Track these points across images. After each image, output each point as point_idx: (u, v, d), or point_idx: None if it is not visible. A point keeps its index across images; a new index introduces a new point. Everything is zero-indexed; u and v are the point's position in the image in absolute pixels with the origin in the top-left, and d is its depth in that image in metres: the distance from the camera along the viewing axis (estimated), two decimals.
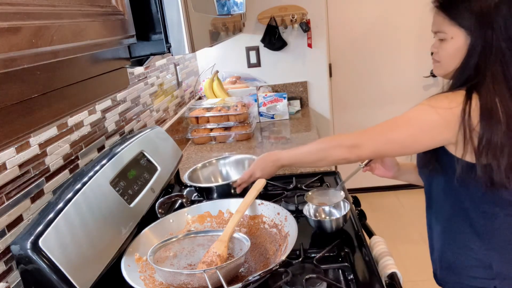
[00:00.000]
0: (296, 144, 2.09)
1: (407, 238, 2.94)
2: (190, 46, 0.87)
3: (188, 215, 1.20)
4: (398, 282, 1.03)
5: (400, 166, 1.29)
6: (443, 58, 1.06)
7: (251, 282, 0.87)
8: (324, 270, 1.03)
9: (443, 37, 1.04)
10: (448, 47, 1.03)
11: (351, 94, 3.39)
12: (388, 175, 1.29)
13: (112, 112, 1.43)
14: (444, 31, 1.03)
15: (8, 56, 0.41)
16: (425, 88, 3.37)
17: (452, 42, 1.02)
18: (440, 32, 1.04)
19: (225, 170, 1.55)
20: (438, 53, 1.07)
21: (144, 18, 0.83)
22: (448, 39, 1.03)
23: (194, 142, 2.30)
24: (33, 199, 0.97)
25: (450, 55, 1.03)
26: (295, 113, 2.77)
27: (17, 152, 0.93)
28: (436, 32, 1.06)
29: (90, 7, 0.59)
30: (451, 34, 1.02)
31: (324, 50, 2.90)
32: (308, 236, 1.22)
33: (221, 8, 1.38)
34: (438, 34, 1.05)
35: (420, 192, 1.28)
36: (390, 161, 1.27)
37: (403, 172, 1.30)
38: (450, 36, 1.02)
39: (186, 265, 1.04)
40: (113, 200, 1.07)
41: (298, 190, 1.50)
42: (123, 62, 0.79)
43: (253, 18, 2.81)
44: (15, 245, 0.83)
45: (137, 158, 1.26)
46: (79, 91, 0.63)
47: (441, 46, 1.05)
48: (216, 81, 2.59)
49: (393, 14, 3.21)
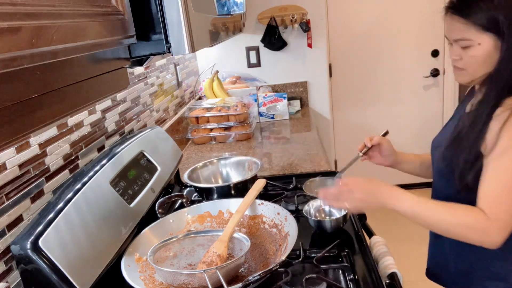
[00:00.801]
0: (296, 144, 2.09)
1: (407, 238, 2.94)
2: (190, 46, 0.87)
3: (188, 215, 1.20)
4: (398, 282, 1.03)
5: (398, 156, 1.29)
6: (469, 66, 1.01)
7: (251, 282, 0.87)
8: (324, 270, 1.03)
9: (467, 44, 0.98)
10: (476, 54, 0.98)
11: (351, 94, 3.39)
12: (385, 163, 1.29)
13: (112, 112, 1.43)
14: (469, 38, 0.97)
15: (8, 56, 0.41)
16: (425, 88, 3.37)
17: (480, 49, 0.97)
18: (463, 40, 0.99)
19: (226, 171, 1.55)
20: (462, 60, 1.02)
21: (144, 18, 0.83)
22: (474, 46, 0.98)
23: (194, 142, 2.30)
24: (33, 199, 0.97)
25: (478, 62, 0.99)
26: (295, 113, 2.77)
27: (17, 152, 0.93)
28: (458, 40, 1.00)
29: (90, 7, 0.59)
30: (477, 41, 0.97)
31: (324, 50, 2.90)
32: (308, 236, 1.22)
33: (221, 8, 1.38)
34: (461, 42, 1.00)
35: (420, 192, 1.28)
36: (387, 149, 1.27)
37: (400, 161, 1.30)
38: (476, 42, 0.97)
39: (186, 265, 1.05)
40: (113, 200, 1.07)
41: (298, 190, 1.49)
42: (123, 62, 0.79)
43: (253, 18, 2.81)
44: (15, 245, 0.83)
45: (137, 158, 1.26)
46: (79, 91, 0.63)
47: (466, 53, 1.00)
48: (216, 81, 2.59)
49: (393, 14, 3.21)
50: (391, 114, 3.40)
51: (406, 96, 3.38)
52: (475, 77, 1.02)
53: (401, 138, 3.44)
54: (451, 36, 1.03)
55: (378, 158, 1.29)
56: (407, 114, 3.41)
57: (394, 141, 1.30)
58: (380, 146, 1.27)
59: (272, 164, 1.85)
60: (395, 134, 3.61)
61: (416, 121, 3.43)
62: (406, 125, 3.43)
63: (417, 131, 3.43)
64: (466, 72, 1.03)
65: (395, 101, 3.39)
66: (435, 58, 3.28)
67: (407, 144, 3.44)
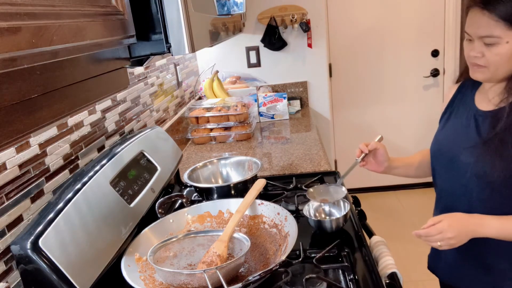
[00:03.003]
0: (296, 144, 2.09)
1: (407, 238, 2.94)
2: (190, 46, 0.87)
3: (188, 215, 1.20)
4: (398, 282, 1.04)
5: (392, 162, 1.29)
6: (492, 64, 0.98)
7: (251, 282, 0.87)
8: (324, 270, 1.03)
9: (493, 41, 0.96)
10: (502, 52, 0.95)
11: (351, 94, 3.39)
12: (379, 169, 1.28)
13: (112, 112, 1.43)
14: (498, 35, 0.95)
15: (8, 56, 0.41)
16: (425, 88, 3.37)
17: (507, 47, 0.94)
18: (490, 37, 0.96)
19: (226, 171, 1.55)
20: (484, 58, 0.99)
21: (144, 18, 0.83)
22: (501, 44, 0.95)
23: (194, 142, 2.30)
24: (33, 199, 0.97)
25: (503, 60, 0.96)
26: (295, 113, 2.77)
27: (17, 152, 0.93)
28: (484, 37, 0.97)
29: (90, 7, 0.59)
30: (506, 39, 0.94)
31: (324, 50, 2.90)
32: (308, 236, 1.22)
33: (221, 8, 1.38)
34: (486, 39, 0.96)
35: (420, 192, 1.28)
36: (382, 155, 1.26)
37: (394, 167, 1.30)
38: (505, 40, 0.94)
39: (186, 265, 1.05)
40: (113, 200, 1.07)
41: (298, 190, 1.50)
42: (123, 62, 0.79)
43: (253, 18, 2.81)
44: (15, 245, 0.83)
45: (137, 158, 1.26)
46: (79, 91, 0.63)
47: (490, 50, 0.97)
48: (216, 81, 2.59)
49: (393, 14, 3.21)
50: (391, 114, 3.40)
51: (406, 96, 3.38)
52: (496, 75, 1.00)
53: (401, 138, 3.44)
54: (476, 33, 0.98)
55: (372, 164, 1.28)
56: (407, 114, 3.41)
57: (393, 142, 1.31)
58: (376, 151, 1.26)
59: (272, 164, 1.85)
60: (395, 134, 3.63)
61: (416, 121, 3.43)
62: (406, 125, 3.43)
63: (417, 131, 3.43)
64: (486, 70, 1.00)
65: (395, 101, 3.39)
66: (435, 58, 3.29)
67: (406, 144, 3.45)
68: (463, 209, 1.08)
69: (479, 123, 1.08)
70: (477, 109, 1.10)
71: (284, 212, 1.11)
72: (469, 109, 1.12)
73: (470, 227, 1.01)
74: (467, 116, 1.12)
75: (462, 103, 1.16)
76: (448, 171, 1.15)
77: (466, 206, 1.09)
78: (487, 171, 1.03)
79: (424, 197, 3.36)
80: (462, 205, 1.11)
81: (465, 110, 1.14)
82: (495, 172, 1.02)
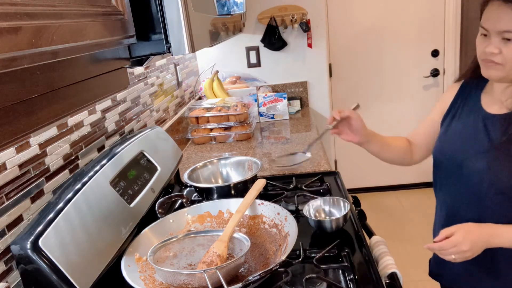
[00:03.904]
0: (296, 144, 2.09)
1: (407, 238, 2.94)
2: (190, 46, 0.87)
3: (188, 215, 1.20)
4: (398, 282, 1.03)
5: (369, 135, 1.22)
6: (510, 61, 0.93)
7: (251, 282, 0.87)
8: (324, 270, 1.03)
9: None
10: None
11: (351, 94, 3.39)
12: (354, 139, 1.21)
13: (112, 112, 1.43)
14: None
15: (8, 56, 0.41)
16: (425, 88, 3.37)
17: None
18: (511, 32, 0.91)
19: (226, 171, 1.55)
20: (501, 55, 0.94)
21: (144, 18, 0.83)
22: None
23: (194, 142, 2.30)
24: (33, 199, 0.98)
25: None
26: (295, 113, 2.77)
27: (17, 152, 0.93)
28: (504, 31, 0.92)
29: (90, 7, 0.59)
30: None
31: (324, 50, 2.90)
32: (308, 236, 1.22)
33: (221, 8, 1.38)
34: (507, 33, 0.91)
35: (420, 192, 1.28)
36: (357, 125, 1.19)
37: (371, 141, 1.23)
38: None
39: (186, 265, 1.05)
40: (113, 200, 1.07)
41: (298, 190, 1.50)
42: (123, 62, 0.80)
43: (253, 18, 2.81)
44: (15, 245, 0.83)
45: (137, 158, 1.26)
46: (79, 91, 0.63)
47: (509, 47, 0.92)
48: (216, 81, 2.59)
49: (393, 14, 3.21)
50: (391, 114, 3.40)
51: (406, 96, 3.38)
52: (510, 74, 0.96)
53: None
54: (495, 27, 0.93)
55: (347, 134, 1.22)
56: (407, 114, 3.41)
57: None
58: (350, 120, 1.19)
59: (272, 164, 1.85)
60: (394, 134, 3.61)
61: (416, 121, 3.42)
62: (406, 125, 3.42)
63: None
64: (502, 68, 0.96)
65: (395, 101, 3.39)
66: (435, 58, 3.29)
67: None
68: (471, 217, 1.04)
69: (488, 127, 1.03)
70: (486, 112, 1.05)
71: (284, 212, 1.11)
72: (475, 112, 1.08)
73: (483, 237, 0.97)
74: (474, 119, 1.07)
75: (467, 105, 1.11)
76: (455, 177, 1.09)
77: (475, 215, 1.05)
78: (500, 177, 0.99)
79: (424, 197, 3.36)
80: (470, 213, 1.06)
81: (471, 112, 1.09)
82: (508, 178, 0.98)
